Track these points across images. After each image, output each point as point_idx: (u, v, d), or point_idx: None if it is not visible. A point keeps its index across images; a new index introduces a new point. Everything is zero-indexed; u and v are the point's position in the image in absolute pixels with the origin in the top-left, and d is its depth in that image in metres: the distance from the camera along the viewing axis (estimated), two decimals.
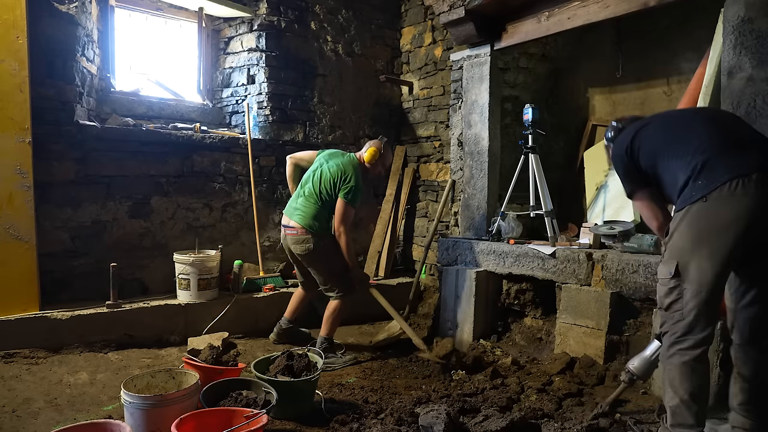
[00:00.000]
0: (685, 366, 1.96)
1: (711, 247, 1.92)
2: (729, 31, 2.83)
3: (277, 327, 3.80)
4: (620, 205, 3.74)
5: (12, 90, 3.23)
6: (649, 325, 2.94)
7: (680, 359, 1.98)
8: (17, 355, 3.13)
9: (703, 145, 2.02)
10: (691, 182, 2.00)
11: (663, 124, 2.25)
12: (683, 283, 1.98)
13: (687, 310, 1.96)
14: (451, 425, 2.28)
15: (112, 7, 4.21)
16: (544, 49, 4.61)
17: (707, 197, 1.92)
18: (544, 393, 2.87)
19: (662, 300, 2.07)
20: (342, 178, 3.41)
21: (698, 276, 1.94)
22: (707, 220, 1.93)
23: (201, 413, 2.24)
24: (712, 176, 1.94)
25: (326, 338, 3.51)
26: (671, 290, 2.02)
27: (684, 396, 1.96)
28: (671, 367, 2.01)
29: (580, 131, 4.64)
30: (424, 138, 5.17)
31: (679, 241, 2.01)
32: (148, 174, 4.03)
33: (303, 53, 4.77)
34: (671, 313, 2.02)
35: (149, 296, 3.89)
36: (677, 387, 1.98)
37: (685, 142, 2.08)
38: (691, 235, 1.96)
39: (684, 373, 1.96)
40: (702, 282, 1.93)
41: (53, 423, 2.45)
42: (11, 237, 3.25)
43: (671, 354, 2.01)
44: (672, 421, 2.01)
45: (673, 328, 2.01)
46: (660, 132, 2.21)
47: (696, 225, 1.96)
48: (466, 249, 4.01)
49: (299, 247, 3.46)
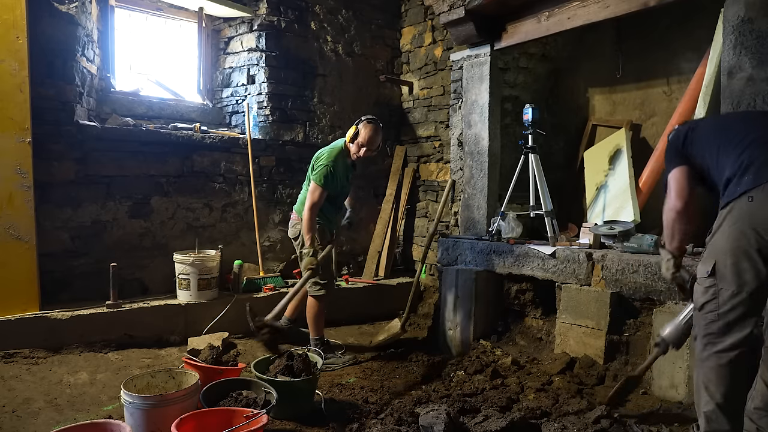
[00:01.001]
0: (721, 369, 1.89)
1: (752, 247, 1.86)
2: (729, 31, 2.83)
3: None
4: (620, 205, 3.74)
5: (12, 90, 3.23)
6: (650, 325, 2.94)
7: (717, 361, 1.90)
8: (17, 355, 3.13)
9: (756, 142, 1.97)
10: (737, 178, 1.95)
11: (718, 121, 2.29)
12: (720, 283, 1.92)
13: (723, 311, 1.90)
14: (451, 425, 2.28)
15: (112, 7, 4.21)
16: (544, 49, 4.61)
17: (752, 195, 1.87)
18: (543, 393, 2.87)
19: (697, 299, 2.01)
20: (316, 161, 3.46)
21: (736, 276, 1.88)
22: (750, 218, 1.87)
23: (201, 413, 2.24)
24: (759, 173, 1.89)
25: (317, 339, 3.50)
26: (707, 290, 1.96)
27: (720, 400, 1.88)
28: (706, 370, 1.93)
29: (580, 131, 4.64)
30: (424, 138, 5.17)
31: (720, 239, 1.95)
32: (148, 174, 4.03)
33: (303, 53, 4.77)
34: (704, 314, 1.96)
35: (149, 296, 3.89)
36: (713, 391, 1.90)
37: (735, 137, 2.04)
38: (733, 233, 1.90)
39: (721, 376, 1.89)
40: (740, 283, 1.87)
41: (53, 423, 2.45)
42: (11, 237, 3.25)
43: (706, 356, 1.94)
44: (707, 428, 1.94)
45: (706, 329, 1.95)
46: (714, 126, 2.21)
47: (739, 223, 1.90)
48: (466, 249, 4.01)
49: (291, 231, 3.64)
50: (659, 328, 2.78)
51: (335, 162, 3.40)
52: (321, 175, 3.34)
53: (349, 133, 3.48)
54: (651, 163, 3.82)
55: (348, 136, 3.49)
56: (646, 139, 4.24)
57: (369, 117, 3.52)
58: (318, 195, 3.34)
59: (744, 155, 1.96)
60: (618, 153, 3.98)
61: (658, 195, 2.45)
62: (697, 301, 2.01)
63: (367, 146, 3.43)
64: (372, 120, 3.49)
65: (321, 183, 3.34)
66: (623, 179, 3.80)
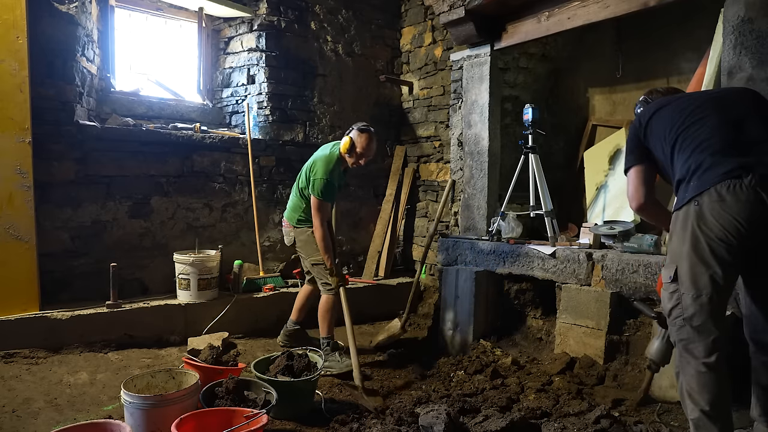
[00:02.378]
0: (702, 376, 1.87)
1: (704, 251, 1.87)
2: (729, 31, 2.83)
3: (283, 329, 3.76)
4: (620, 205, 3.74)
5: (12, 90, 3.23)
6: (649, 325, 2.94)
7: (696, 368, 1.88)
8: (17, 355, 3.13)
9: (704, 143, 1.97)
10: (685, 183, 1.97)
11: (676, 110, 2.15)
12: (681, 288, 1.93)
13: (688, 315, 1.90)
14: (451, 425, 2.28)
15: (112, 7, 4.21)
16: (544, 49, 4.61)
17: (699, 201, 1.89)
18: (543, 393, 2.87)
19: (665, 305, 2.02)
20: (311, 171, 3.40)
21: (694, 280, 1.89)
22: (700, 223, 1.88)
23: (201, 413, 2.24)
24: (704, 178, 1.90)
25: (326, 338, 3.45)
26: (671, 295, 1.97)
27: (705, 407, 1.86)
28: (688, 378, 1.91)
29: (580, 131, 4.64)
30: (424, 138, 5.17)
31: (676, 244, 1.97)
32: (148, 174, 4.03)
33: (303, 53, 4.77)
34: (672, 320, 1.97)
35: (149, 296, 3.89)
36: (697, 398, 1.88)
37: (688, 137, 2.03)
38: (685, 237, 1.92)
39: (702, 383, 1.87)
40: (699, 286, 1.88)
41: (53, 423, 2.45)
42: (11, 237, 3.25)
43: (685, 363, 1.93)
44: None
45: (679, 334, 1.95)
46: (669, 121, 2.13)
47: (689, 228, 1.91)
48: (466, 249, 4.00)
49: (286, 239, 3.67)
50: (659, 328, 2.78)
51: (332, 174, 3.36)
52: (320, 189, 3.31)
53: (344, 144, 3.40)
54: None
55: (343, 148, 3.41)
56: None
57: (361, 125, 3.45)
58: (324, 207, 3.34)
59: (691, 159, 1.97)
60: (618, 153, 3.98)
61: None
62: (665, 308, 2.02)
63: (365, 155, 3.43)
64: (365, 128, 3.43)
65: (322, 197, 3.32)
66: (623, 179, 3.80)
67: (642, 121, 2.24)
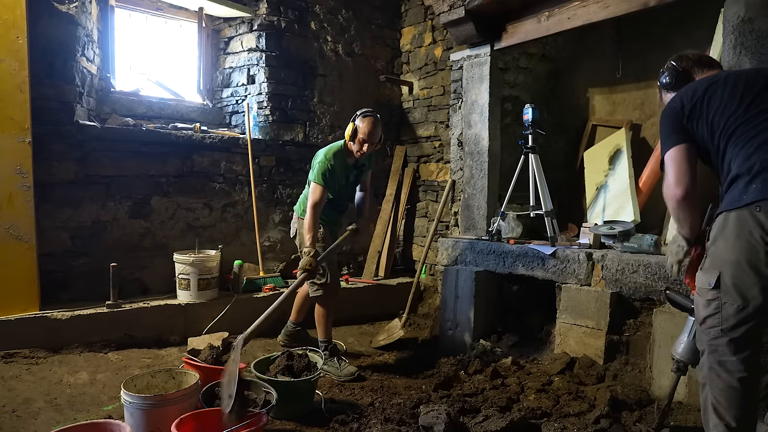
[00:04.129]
0: (732, 391, 1.75)
1: (761, 261, 1.69)
2: (729, 31, 2.83)
3: (284, 329, 3.76)
4: (620, 205, 3.74)
5: (12, 90, 3.23)
6: (649, 325, 2.94)
7: (727, 383, 1.76)
8: (17, 355, 3.13)
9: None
10: (745, 183, 1.75)
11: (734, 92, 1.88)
12: (724, 297, 1.76)
13: (728, 326, 1.75)
14: (451, 425, 2.28)
15: (112, 7, 4.21)
16: (544, 49, 4.61)
17: (760, 205, 1.69)
18: (543, 393, 2.87)
19: (698, 312, 1.87)
20: (315, 160, 3.38)
21: (742, 290, 1.72)
22: (759, 229, 1.69)
23: (201, 413, 2.24)
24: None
25: (324, 341, 3.41)
26: (709, 302, 1.80)
27: (732, 423, 1.74)
28: (716, 391, 1.78)
29: (580, 131, 4.64)
30: (424, 138, 5.17)
31: (723, 249, 1.78)
32: (148, 174, 4.03)
33: (303, 53, 4.77)
34: (706, 329, 1.82)
35: (149, 296, 3.89)
36: (723, 413, 1.76)
37: (750, 129, 1.80)
38: (738, 244, 1.73)
39: (731, 399, 1.75)
40: (748, 297, 1.72)
41: (53, 423, 2.45)
42: (11, 237, 3.25)
43: (715, 375, 1.79)
44: None
45: (711, 346, 1.80)
46: (727, 104, 1.88)
47: (745, 235, 1.72)
48: (466, 249, 4.01)
49: (292, 230, 3.63)
50: (659, 328, 2.78)
51: (333, 159, 3.29)
52: (319, 172, 3.24)
53: (348, 131, 3.31)
54: (651, 163, 3.82)
55: (347, 135, 3.32)
56: (646, 139, 4.24)
57: (366, 110, 3.36)
58: (319, 193, 3.21)
59: (755, 156, 1.75)
60: (618, 153, 3.98)
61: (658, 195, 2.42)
62: (698, 315, 1.87)
63: (368, 141, 3.27)
64: (369, 112, 3.32)
65: (319, 181, 3.23)
66: (623, 179, 3.80)
67: (685, 101, 1.97)
